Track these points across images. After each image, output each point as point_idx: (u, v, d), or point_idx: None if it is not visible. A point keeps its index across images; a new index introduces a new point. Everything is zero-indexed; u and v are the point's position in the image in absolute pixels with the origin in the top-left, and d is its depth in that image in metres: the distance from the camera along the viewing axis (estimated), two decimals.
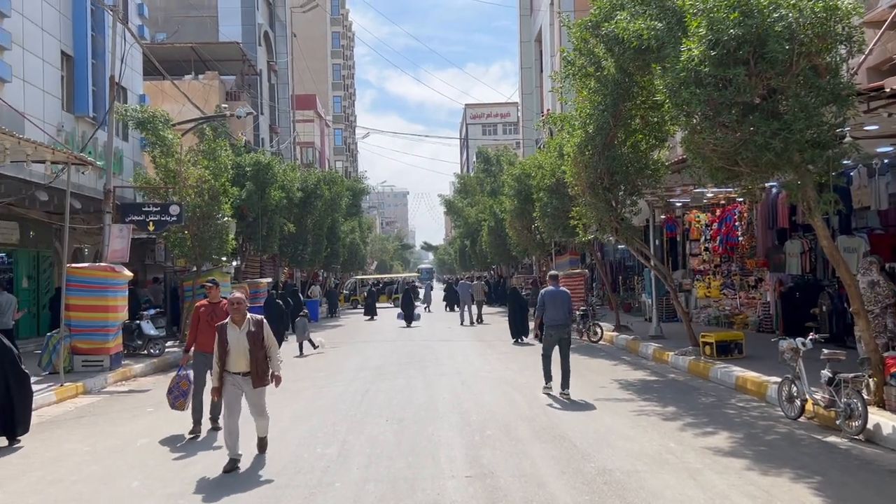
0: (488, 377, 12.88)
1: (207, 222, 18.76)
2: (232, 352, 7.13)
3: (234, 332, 7.16)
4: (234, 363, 7.16)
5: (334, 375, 13.86)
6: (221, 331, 7.19)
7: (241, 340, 7.13)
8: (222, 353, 7.13)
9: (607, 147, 14.03)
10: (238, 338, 7.14)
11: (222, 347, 7.13)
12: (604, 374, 12.71)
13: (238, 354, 7.14)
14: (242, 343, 7.13)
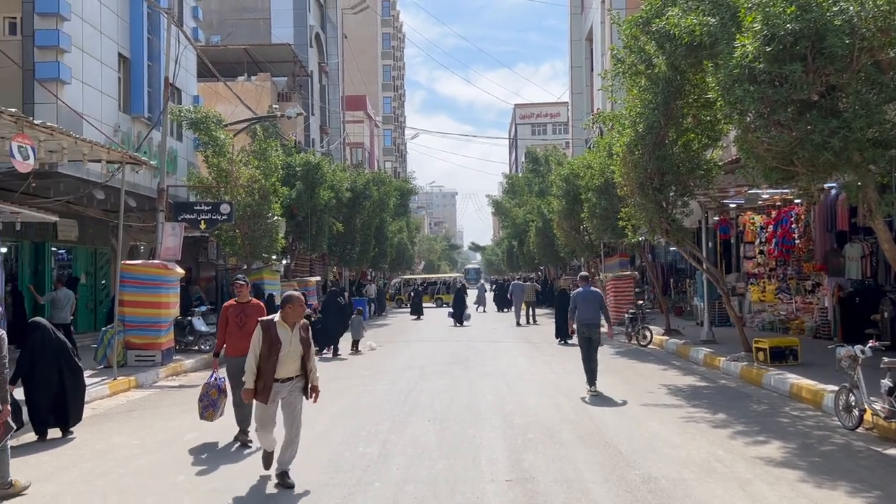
0: (533, 379, 12.77)
1: (258, 221, 19.06)
2: (283, 356, 6.26)
3: (287, 333, 6.29)
4: (285, 368, 6.29)
5: (380, 374, 13.91)
6: (270, 330, 6.26)
7: (294, 343, 6.31)
8: (272, 356, 6.21)
9: (658, 146, 13.75)
10: (291, 340, 6.30)
11: (273, 350, 6.21)
12: (652, 379, 12.46)
13: (289, 358, 6.30)
14: (296, 346, 6.31)
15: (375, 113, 66.46)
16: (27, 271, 17.31)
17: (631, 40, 13.19)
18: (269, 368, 6.19)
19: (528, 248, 42.05)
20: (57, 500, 6.33)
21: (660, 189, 14.11)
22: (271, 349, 6.19)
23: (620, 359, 15.72)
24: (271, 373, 6.19)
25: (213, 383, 8.19)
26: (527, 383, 12.27)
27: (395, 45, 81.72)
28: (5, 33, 15.49)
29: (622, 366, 14.48)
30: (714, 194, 15.58)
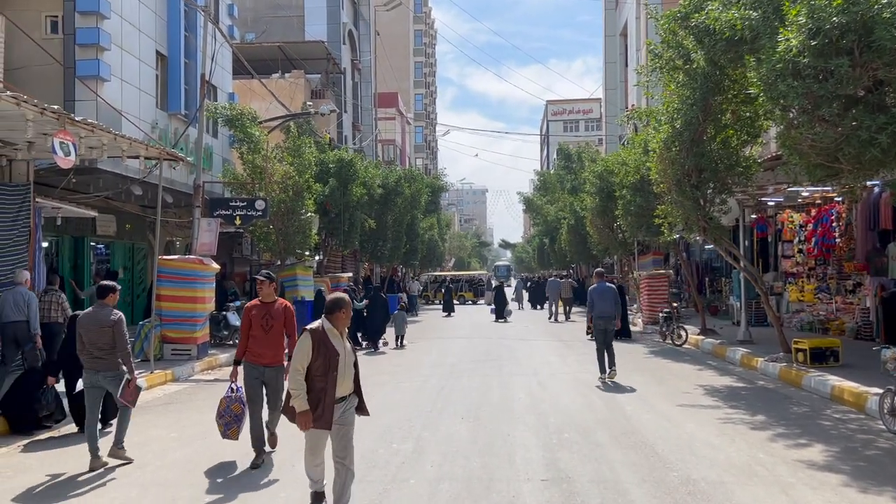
0: (566, 378, 12.69)
1: (291, 217, 19.21)
2: (341, 369, 5.25)
3: (340, 343, 5.29)
4: (341, 384, 5.27)
5: (411, 371, 13.93)
6: (323, 339, 5.21)
7: (349, 355, 5.36)
8: (331, 371, 5.19)
9: (696, 143, 13.55)
10: (345, 351, 5.32)
11: (332, 363, 5.19)
12: (688, 380, 12.29)
13: (346, 373, 5.29)
14: (350, 358, 5.36)
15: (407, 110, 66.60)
16: (67, 266, 17.66)
17: (669, 35, 12.99)
18: (329, 386, 5.15)
19: (559, 246, 41.79)
20: (97, 491, 6.44)
21: (697, 186, 13.91)
22: (329, 363, 5.16)
23: (654, 358, 15.55)
24: (332, 392, 5.15)
25: (234, 396, 7.11)
26: (560, 382, 12.21)
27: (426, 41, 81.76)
28: (47, 31, 15.80)
29: (656, 365, 14.31)
30: (753, 192, 15.32)
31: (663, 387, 11.50)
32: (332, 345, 5.22)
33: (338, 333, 5.29)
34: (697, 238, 20.15)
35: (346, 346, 5.33)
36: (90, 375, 7.22)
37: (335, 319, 5.28)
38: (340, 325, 5.30)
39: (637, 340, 19.62)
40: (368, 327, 18.31)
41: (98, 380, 7.22)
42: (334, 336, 5.27)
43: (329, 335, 5.24)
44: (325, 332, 5.24)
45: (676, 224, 16.07)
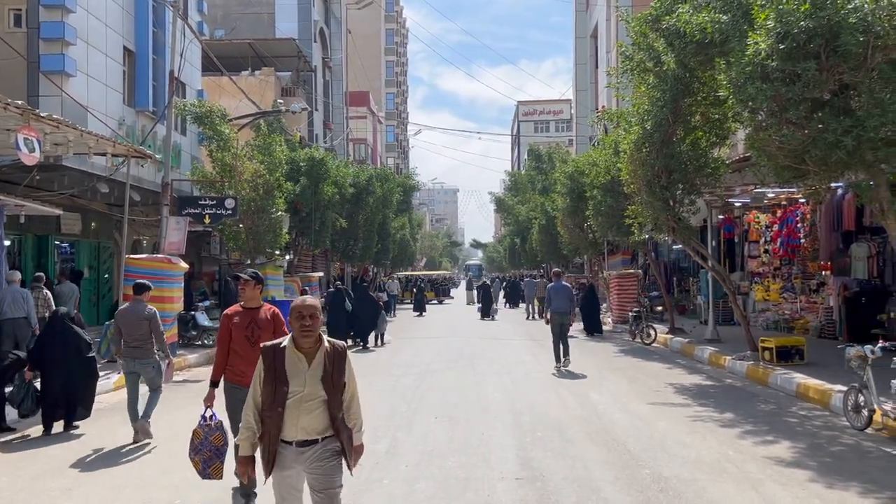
0: (539, 377, 12.78)
1: (261, 216, 19.03)
2: (293, 403, 3.94)
3: (299, 365, 3.98)
4: (295, 423, 3.94)
5: (383, 371, 13.89)
6: (275, 360, 4.00)
7: (313, 383, 3.96)
8: (275, 405, 3.95)
9: (665, 144, 13.71)
10: (307, 377, 3.96)
11: (277, 394, 3.95)
12: (658, 378, 12.44)
13: (303, 408, 3.94)
14: (314, 387, 3.96)
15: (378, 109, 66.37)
16: (30, 265, 17.27)
17: (640, 37, 13.12)
18: (272, 424, 3.93)
19: (530, 246, 42.00)
20: (68, 493, 6.30)
21: (667, 187, 14.07)
22: (276, 393, 3.93)
23: (625, 357, 15.71)
24: (275, 432, 3.93)
25: (212, 425, 5.70)
26: (533, 381, 12.28)
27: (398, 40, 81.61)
28: (10, 25, 15.43)
29: (627, 364, 14.47)
30: (720, 193, 15.54)
31: (634, 385, 11.63)
32: (282, 369, 3.94)
33: (301, 355, 3.97)
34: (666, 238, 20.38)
35: (313, 373, 3.96)
36: (129, 363, 8.27)
37: (298, 332, 3.99)
38: (303, 342, 3.97)
39: (607, 339, 19.81)
40: (356, 325, 18.58)
41: (135, 366, 8.26)
42: (293, 355, 3.98)
43: (287, 355, 3.98)
44: (285, 350, 3.99)
45: (646, 224, 16.24)
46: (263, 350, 4.05)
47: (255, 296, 5.96)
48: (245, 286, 5.95)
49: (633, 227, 16.31)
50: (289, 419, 3.93)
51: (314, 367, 3.97)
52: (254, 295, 5.95)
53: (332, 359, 4.01)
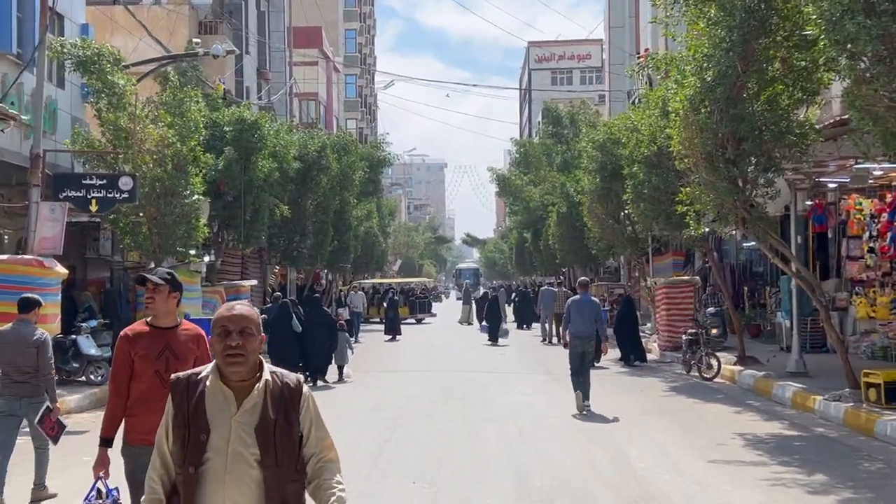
0: (556, 424, 12.81)
1: (171, 201, 18.94)
2: (213, 467, 3.61)
3: (224, 407, 3.65)
4: (220, 497, 3.60)
5: (343, 418, 13.83)
6: (182, 393, 3.72)
7: (241, 436, 3.63)
8: (187, 467, 3.64)
9: (733, 102, 13.75)
10: (233, 426, 3.63)
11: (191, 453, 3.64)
12: (722, 426, 12.50)
13: (229, 474, 3.60)
14: (243, 444, 3.62)
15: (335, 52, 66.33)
16: None
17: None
18: (188, 494, 3.63)
19: (545, 243, 42.08)
20: None
21: (735, 161, 14.11)
22: (188, 447, 3.64)
23: (677, 397, 15.78)
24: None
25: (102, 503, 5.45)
26: (548, 430, 12.30)
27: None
28: None
29: (680, 406, 14.54)
30: (808, 169, 15.60)
31: (689, 436, 11.67)
32: (201, 410, 3.62)
33: (229, 392, 3.64)
34: (733, 232, 20.47)
35: (240, 420, 3.60)
36: (9, 402, 8.40)
37: (224, 362, 3.64)
38: (231, 372, 3.63)
39: (652, 371, 19.87)
40: (309, 354, 18.58)
41: (21, 408, 8.42)
42: (217, 395, 3.64)
43: (209, 392, 3.65)
44: (205, 383, 3.67)
45: (706, 213, 16.27)
46: (174, 383, 3.75)
47: (171, 309, 5.54)
48: (154, 294, 5.48)
49: (688, 217, 16.35)
50: (210, 491, 3.57)
51: (246, 413, 3.61)
52: (168, 308, 5.52)
53: (276, 400, 3.66)
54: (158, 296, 5.50)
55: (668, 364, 21.23)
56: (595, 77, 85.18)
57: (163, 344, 5.46)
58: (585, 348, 14.05)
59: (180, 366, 5.08)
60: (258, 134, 24.55)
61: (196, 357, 5.42)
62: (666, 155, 18.09)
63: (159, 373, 5.35)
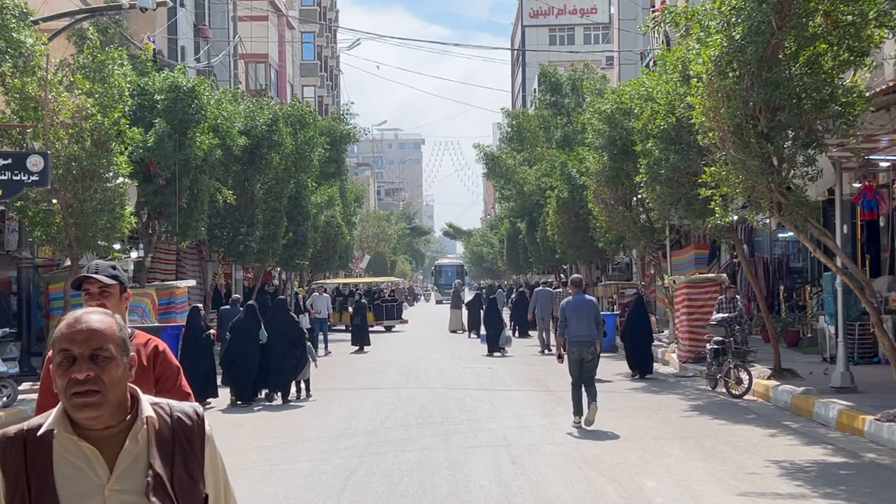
0: (557, 451, 12.82)
1: (90, 185, 18.84)
2: None
3: (86, 476, 2.99)
4: None
5: (298, 445, 13.86)
6: (19, 463, 2.99)
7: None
8: None
9: (766, 64, 13.77)
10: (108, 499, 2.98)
11: None
12: (754, 453, 12.55)
13: None
14: None
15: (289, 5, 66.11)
16: None
17: None
18: None
19: (543, 234, 42.11)
20: None
21: (769, 136, 14.13)
22: None
23: (699, 417, 15.82)
24: None
25: None
26: (547, 458, 12.32)
27: None
28: None
29: (704, 429, 14.57)
30: (856, 145, 15.65)
31: (715, 464, 11.70)
32: (52, 487, 2.97)
33: (92, 449, 2.98)
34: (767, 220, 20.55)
35: (117, 488, 2.95)
36: None
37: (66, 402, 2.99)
38: (86, 418, 2.97)
39: (671, 387, 19.91)
40: (272, 369, 18.80)
41: None
42: (74, 457, 2.99)
43: (60, 455, 3.00)
44: (50, 443, 3.01)
45: (734, 198, 16.30)
46: (6, 443, 3.03)
47: (123, 317, 4.89)
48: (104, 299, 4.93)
49: (713, 202, 16.37)
50: None
51: (124, 477, 2.97)
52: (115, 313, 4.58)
53: (167, 446, 3.06)
54: (109, 300, 4.90)
55: (689, 378, 21.28)
56: (601, 35, 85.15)
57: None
58: (585, 355, 14.47)
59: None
60: (196, 104, 24.45)
61: (158, 380, 4.88)
62: (686, 128, 18.11)
63: None
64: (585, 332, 14.51)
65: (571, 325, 14.59)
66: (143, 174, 23.04)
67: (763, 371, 18.93)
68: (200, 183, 25.05)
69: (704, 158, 16.83)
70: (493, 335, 29.55)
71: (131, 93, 21.64)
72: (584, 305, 14.77)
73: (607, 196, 26.22)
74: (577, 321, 14.55)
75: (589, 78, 43.50)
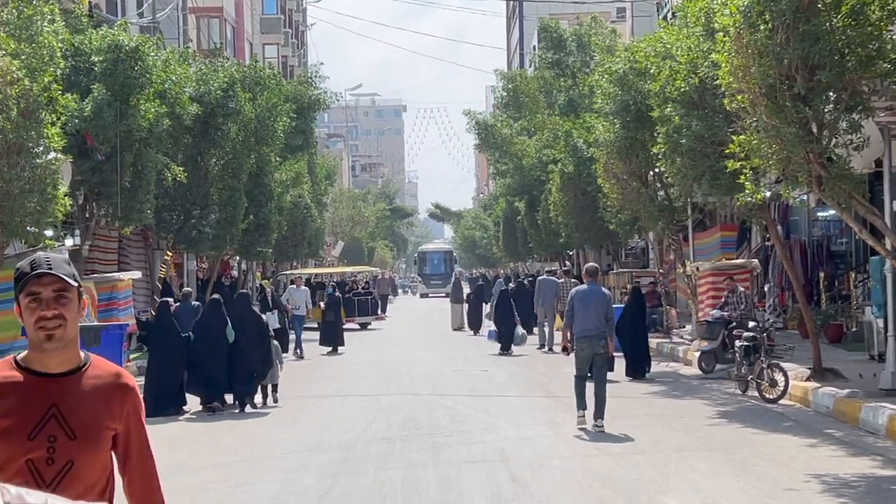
0: (564, 467, 12.82)
1: (17, 162, 18.78)
2: None
3: None
4: None
5: (263, 461, 13.85)
6: None
7: None
8: None
9: (803, 15, 13.78)
10: None
11: None
12: (791, 465, 12.57)
13: None
14: None
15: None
16: None
17: None
18: None
19: (545, 215, 42.10)
20: None
21: (807, 98, 14.14)
22: None
23: (729, 426, 15.85)
24: None
25: None
26: (553, 475, 12.32)
27: None
28: None
29: (734, 439, 14.61)
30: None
31: (746, 479, 11.72)
32: None
33: None
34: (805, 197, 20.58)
35: None
36: None
37: None
38: None
39: (695, 391, 19.92)
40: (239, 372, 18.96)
41: None
42: None
43: None
44: None
45: (767, 171, 16.30)
46: None
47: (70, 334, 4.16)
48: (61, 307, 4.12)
49: (743, 176, 16.38)
50: None
51: None
52: (65, 334, 4.10)
53: None
54: (67, 308, 4.14)
55: (713, 380, 21.32)
56: None
57: (47, 406, 4.16)
58: (595, 350, 15.21)
59: (81, 451, 4.17)
60: (139, 66, 24.36)
61: (119, 431, 4.29)
62: (711, 90, 18.12)
63: (34, 465, 4.13)
64: (594, 326, 15.15)
65: (579, 317, 15.23)
66: (78, 148, 22.95)
67: (801, 371, 18.91)
68: (146, 158, 24.96)
69: (732, 125, 16.82)
70: (505, 331, 29.77)
71: (64, 54, 21.55)
72: (594, 297, 15.33)
73: (619, 170, 26.24)
74: (586, 313, 15.17)
75: (597, 33, 43.56)
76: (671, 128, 20.27)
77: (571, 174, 34.76)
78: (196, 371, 18.64)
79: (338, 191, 78.19)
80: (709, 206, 26.71)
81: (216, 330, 18.79)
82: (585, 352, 15.23)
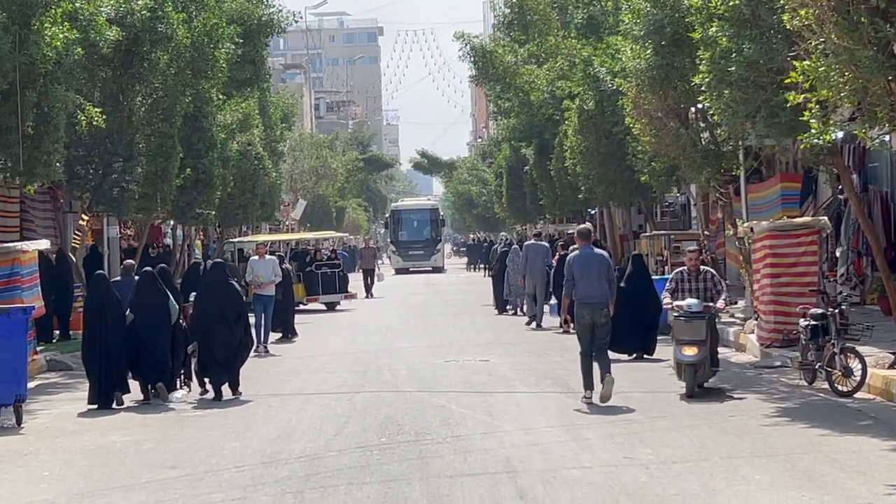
0: (584, 479, 12.86)
1: None
2: None
3: None
4: None
5: (207, 477, 13.90)
6: None
7: None
8: None
9: None
10: None
11: None
12: (869, 473, 12.64)
13: None
14: None
15: None
16: None
17: None
18: None
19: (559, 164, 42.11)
20: None
21: (887, 12, 14.18)
22: None
23: (791, 426, 15.93)
24: None
25: None
26: (570, 489, 12.39)
27: None
28: None
29: (798, 443, 14.68)
30: None
31: (814, 492, 11.77)
32: None
33: None
34: (886, 138, 20.57)
35: None
36: None
37: None
38: None
39: (749, 382, 19.98)
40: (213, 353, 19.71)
41: None
42: None
43: None
44: None
45: (838, 104, 16.32)
46: None
47: None
48: None
49: (808, 112, 16.42)
50: None
51: None
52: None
53: None
54: None
55: (775, 369, 21.41)
56: None
57: None
58: (597, 318, 17.04)
59: None
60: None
61: None
62: (767, 5, 18.14)
63: None
64: (597, 292, 16.94)
65: (580, 284, 16.96)
66: None
67: (882, 357, 19.01)
68: (53, 97, 24.93)
69: (794, 48, 16.85)
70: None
71: None
72: (594, 260, 17.12)
73: (652, 106, 26.24)
74: (588, 279, 16.94)
75: None
76: (717, 53, 20.29)
77: (592, 112, 34.74)
78: (138, 354, 18.82)
79: (297, 136, 78.08)
80: (765, 150, 26.62)
81: (156, 307, 18.91)
82: (586, 319, 16.95)
